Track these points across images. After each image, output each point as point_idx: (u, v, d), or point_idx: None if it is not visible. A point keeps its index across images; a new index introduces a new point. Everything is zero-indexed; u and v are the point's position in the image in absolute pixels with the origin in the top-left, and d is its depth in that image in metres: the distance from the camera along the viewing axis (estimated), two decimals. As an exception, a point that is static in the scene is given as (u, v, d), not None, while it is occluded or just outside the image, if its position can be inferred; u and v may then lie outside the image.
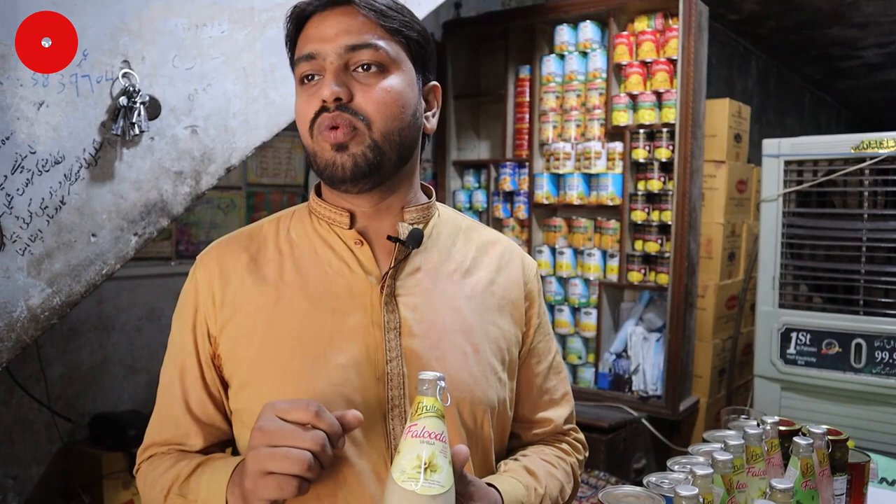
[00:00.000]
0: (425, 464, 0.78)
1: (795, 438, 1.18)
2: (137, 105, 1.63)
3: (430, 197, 1.14)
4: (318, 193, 1.11)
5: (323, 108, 0.98)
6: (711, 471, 0.98)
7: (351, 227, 1.06)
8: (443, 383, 0.82)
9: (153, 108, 1.68)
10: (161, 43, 1.73)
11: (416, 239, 1.05)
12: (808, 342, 2.79)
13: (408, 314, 1.02)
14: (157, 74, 1.73)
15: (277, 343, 1.00)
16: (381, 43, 0.99)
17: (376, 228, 1.07)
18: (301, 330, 1.00)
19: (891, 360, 2.64)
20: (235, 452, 1.09)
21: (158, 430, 1.08)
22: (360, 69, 0.99)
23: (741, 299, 3.67)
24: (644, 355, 3.28)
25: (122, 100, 1.62)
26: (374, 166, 0.99)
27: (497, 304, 1.11)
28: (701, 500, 0.92)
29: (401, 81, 1.01)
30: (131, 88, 1.63)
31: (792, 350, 2.82)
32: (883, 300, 2.68)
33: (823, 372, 2.75)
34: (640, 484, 1.12)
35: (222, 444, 1.09)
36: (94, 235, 1.63)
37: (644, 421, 3.21)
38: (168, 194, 1.75)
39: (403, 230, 1.05)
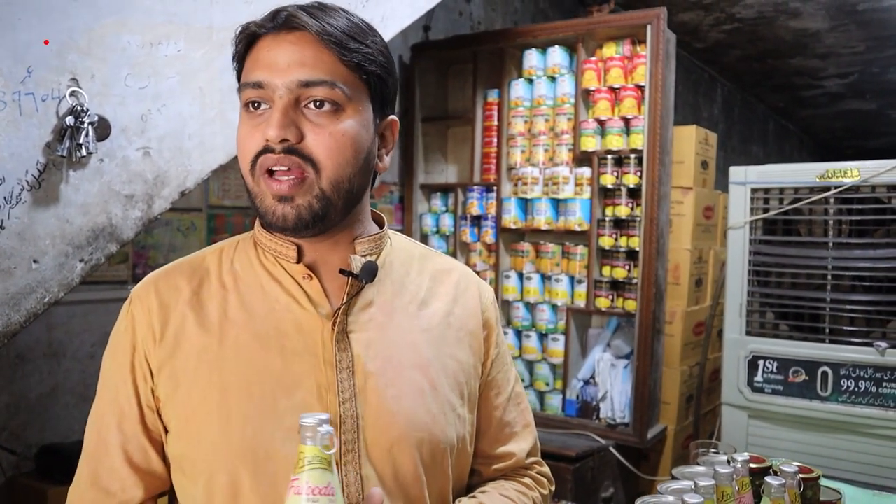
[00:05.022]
0: None
1: (767, 479, 1.14)
2: (85, 125, 1.55)
3: (381, 226, 1.08)
4: (264, 224, 1.04)
5: (267, 149, 0.91)
6: (682, 516, 0.94)
7: (299, 261, 0.99)
8: (325, 428, 0.74)
9: (102, 129, 1.61)
10: (112, 60, 1.66)
11: (370, 272, 0.99)
12: (774, 370, 2.78)
13: (361, 351, 0.97)
14: (108, 93, 1.65)
15: (223, 386, 0.93)
16: (337, 81, 0.91)
17: (326, 261, 1.00)
18: (248, 372, 0.94)
19: (856, 389, 2.64)
20: (172, 501, 1.01)
21: (90, 486, 0.98)
22: (312, 105, 0.91)
23: (708, 325, 3.67)
24: (612, 382, 3.24)
25: (69, 119, 1.54)
26: (319, 217, 0.93)
27: (455, 336, 1.06)
28: (671, 550, 0.87)
29: (356, 123, 0.94)
30: (79, 107, 1.56)
31: (759, 378, 2.80)
32: (848, 328, 2.68)
33: (790, 400, 2.73)
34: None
35: (160, 494, 1.01)
36: (35, 262, 1.54)
37: (612, 449, 3.16)
38: (118, 219, 1.67)
39: (356, 263, 0.99)
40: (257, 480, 0.90)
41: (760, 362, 2.80)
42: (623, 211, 3.25)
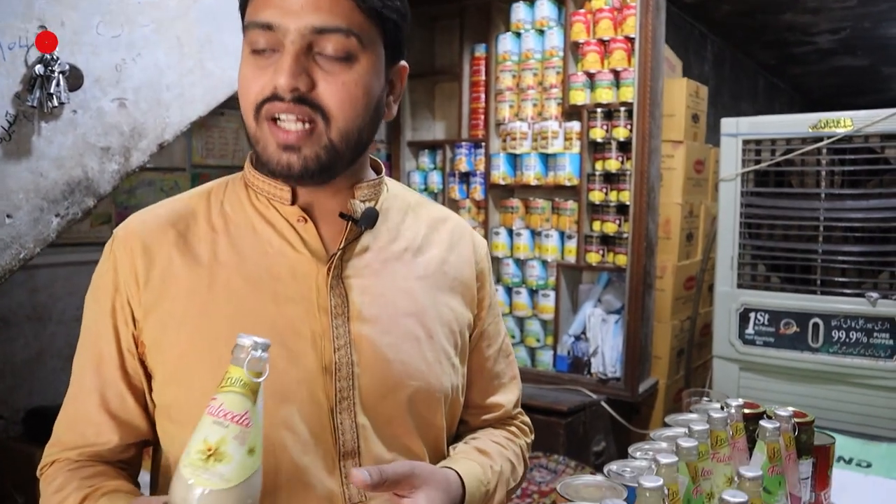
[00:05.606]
0: (210, 450, 0.65)
1: (762, 422, 1.12)
2: (56, 74, 1.49)
3: (378, 173, 1.04)
4: (255, 163, 0.98)
5: (275, 96, 0.85)
6: (676, 459, 0.91)
7: (293, 203, 0.95)
8: (260, 353, 0.68)
9: (74, 79, 1.55)
10: (83, 7, 1.59)
11: (370, 219, 0.95)
12: (766, 322, 2.77)
13: (357, 298, 0.93)
14: (79, 42, 1.59)
15: (212, 331, 0.89)
16: (353, 28, 0.85)
17: (322, 205, 0.96)
18: (239, 316, 0.90)
19: (847, 339, 2.64)
20: (157, 451, 0.98)
21: (66, 428, 0.95)
22: (325, 52, 0.85)
23: (699, 280, 3.65)
24: (603, 337, 3.23)
25: (39, 68, 1.48)
26: (326, 168, 0.89)
27: (449, 285, 1.03)
28: (666, 491, 0.84)
29: (369, 72, 0.88)
30: (48, 56, 1.50)
31: (750, 330, 2.79)
32: (839, 280, 2.67)
33: (781, 352, 2.73)
34: (600, 469, 1.05)
35: (139, 444, 0.98)
36: (9, 217, 1.49)
37: (603, 403, 3.17)
38: (94, 172, 1.62)
39: (358, 209, 0.95)
40: None
41: (752, 315, 2.79)
42: (613, 165, 3.21)
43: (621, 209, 3.22)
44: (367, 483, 0.79)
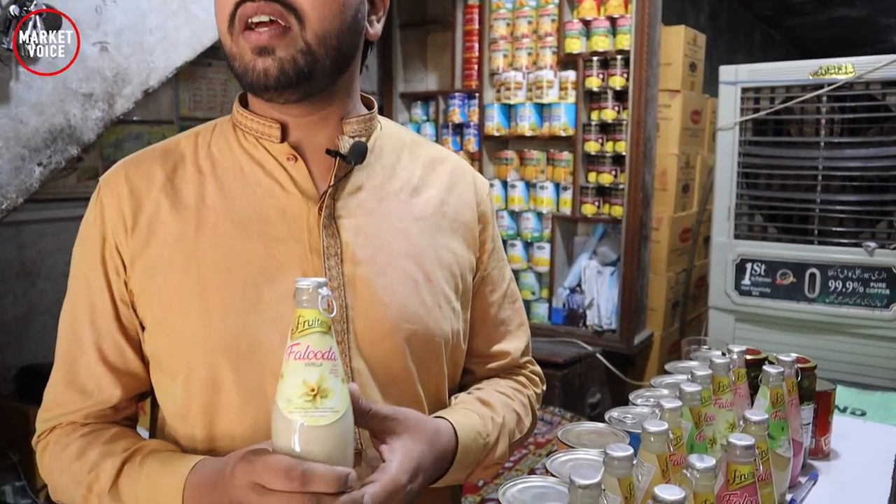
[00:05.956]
0: (313, 389, 0.67)
1: (766, 367, 1.10)
2: (32, 15, 1.42)
3: (370, 108, 0.99)
4: (243, 103, 0.94)
5: None
6: (680, 404, 0.89)
7: (282, 141, 0.91)
8: (325, 291, 0.69)
9: (52, 20, 1.48)
10: (59, -55, 1.52)
11: (359, 153, 0.91)
12: (762, 273, 2.75)
13: (350, 238, 0.89)
14: (56, -19, 1.52)
15: (201, 276, 0.86)
16: None
17: (312, 142, 0.92)
18: (227, 260, 0.86)
19: (844, 290, 2.63)
20: (154, 404, 0.95)
21: (63, 387, 0.90)
22: None
23: (695, 232, 3.63)
24: (598, 289, 3.22)
25: (13, 8, 1.41)
26: (305, 74, 0.84)
27: (449, 226, 0.99)
28: (671, 435, 0.82)
29: None
30: (24, -4, 1.43)
31: (746, 281, 2.78)
32: (837, 229, 2.65)
33: (778, 302, 2.72)
34: (597, 419, 1.03)
35: (137, 398, 0.95)
36: (-11, 164, 1.44)
37: (599, 355, 3.17)
38: (77, 119, 1.56)
39: (345, 143, 0.91)
40: (240, 375, 0.84)
41: (748, 265, 2.78)
42: (609, 115, 3.16)
43: (617, 160, 3.18)
44: (356, 406, 0.75)
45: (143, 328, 0.90)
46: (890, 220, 2.59)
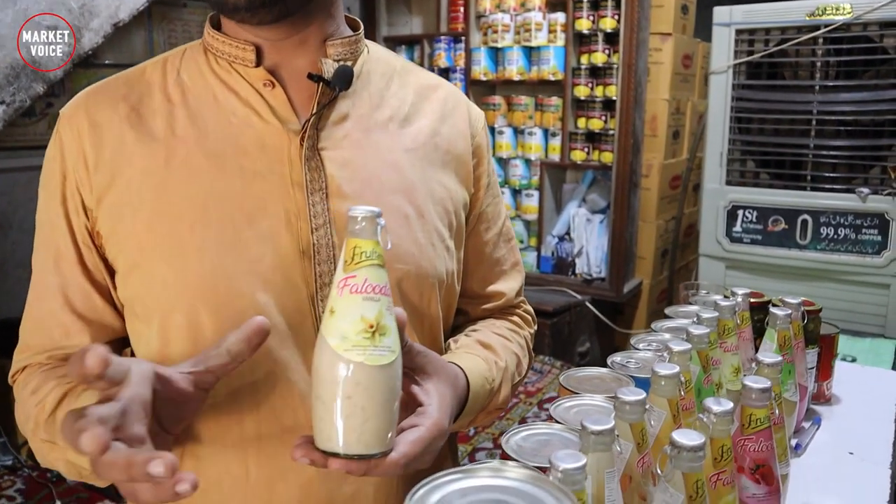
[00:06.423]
0: (372, 326, 0.61)
1: (773, 309, 1.06)
2: (-12, -62, 1.32)
3: (356, 30, 0.91)
4: (215, 25, 0.86)
5: None
6: (689, 346, 0.84)
7: (258, 65, 0.82)
8: (382, 221, 0.63)
9: (10, -55, 1.37)
10: None
11: (344, 78, 0.82)
12: (754, 219, 2.72)
13: (335, 171, 0.82)
14: None
15: (172, 213, 0.78)
16: None
17: (291, 66, 0.83)
18: (202, 196, 0.79)
19: (835, 236, 2.60)
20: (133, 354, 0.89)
21: (32, 331, 0.86)
22: None
23: (685, 179, 3.58)
24: (587, 237, 3.17)
25: (-33, -70, 1.31)
26: None
27: (441, 159, 0.91)
28: (682, 379, 0.78)
29: None
30: (-22, -83, 1.32)
31: (738, 228, 2.75)
32: (830, 175, 2.60)
33: (769, 249, 2.69)
34: (590, 365, 0.98)
35: (117, 342, 0.88)
36: (-53, 102, 1.35)
37: (588, 304, 3.14)
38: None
39: (328, 67, 0.82)
40: (220, 321, 0.78)
41: (740, 212, 2.74)
42: (599, 58, 3.07)
43: (607, 105, 3.10)
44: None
45: (114, 272, 0.84)
46: (884, 165, 2.54)
